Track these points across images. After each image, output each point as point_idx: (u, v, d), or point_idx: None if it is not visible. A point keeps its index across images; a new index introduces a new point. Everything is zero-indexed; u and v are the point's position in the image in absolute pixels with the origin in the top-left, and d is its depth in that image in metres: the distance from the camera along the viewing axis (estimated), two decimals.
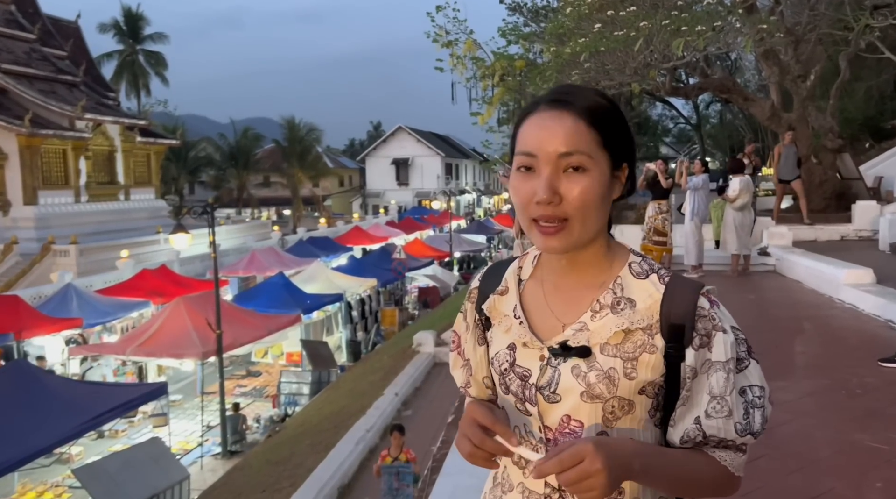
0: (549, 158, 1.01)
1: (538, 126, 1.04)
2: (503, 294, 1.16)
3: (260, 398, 15.23)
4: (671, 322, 1.03)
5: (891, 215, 10.97)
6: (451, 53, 15.15)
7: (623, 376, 1.02)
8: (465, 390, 1.26)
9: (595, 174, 1.02)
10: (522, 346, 1.09)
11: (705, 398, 1.02)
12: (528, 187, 1.03)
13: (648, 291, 1.05)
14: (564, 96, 1.05)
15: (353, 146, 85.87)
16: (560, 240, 1.03)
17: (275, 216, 46.30)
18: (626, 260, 1.10)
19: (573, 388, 1.03)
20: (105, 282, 18.52)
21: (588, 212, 1.02)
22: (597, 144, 1.02)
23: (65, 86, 27.38)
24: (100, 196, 27.43)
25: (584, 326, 1.05)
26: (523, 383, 1.08)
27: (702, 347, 1.03)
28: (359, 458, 7.11)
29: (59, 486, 10.54)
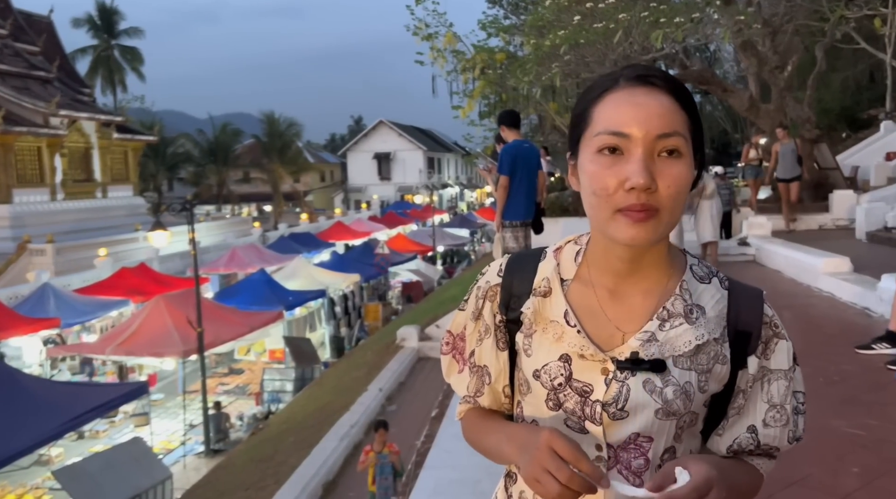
0: (645, 139, 0.89)
1: (629, 103, 0.91)
2: (546, 296, 1.02)
3: (243, 396, 15.13)
4: (738, 329, 0.98)
5: (867, 205, 11.12)
6: (431, 46, 15.10)
7: (698, 390, 0.96)
8: (472, 400, 1.12)
9: (688, 161, 0.92)
10: (579, 357, 0.97)
11: (762, 407, 0.99)
12: (615, 173, 0.89)
13: (715, 297, 0.99)
14: (650, 73, 0.94)
15: (334, 141, 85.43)
16: (650, 229, 0.90)
17: (255, 212, 45.95)
18: (686, 262, 1.02)
19: (646, 404, 0.94)
20: (83, 281, 18.27)
21: (678, 202, 0.91)
22: (687, 128, 0.93)
23: (38, 82, 26.91)
24: (76, 194, 27.04)
25: (652, 337, 0.95)
26: (583, 399, 0.96)
27: (763, 355, 0.99)
28: (343, 454, 7.08)
29: (39, 488, 10.40)
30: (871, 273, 7.01)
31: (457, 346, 1.12)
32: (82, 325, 15.91)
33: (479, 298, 1.09)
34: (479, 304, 1.09)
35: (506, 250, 5.97)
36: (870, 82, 24.56)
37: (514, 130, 6.02)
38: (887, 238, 9.96)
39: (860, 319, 6.27)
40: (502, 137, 6.10)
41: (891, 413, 3.92)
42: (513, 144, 5.91)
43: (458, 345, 1.12)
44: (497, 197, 5.95)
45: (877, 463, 3.22)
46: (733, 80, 24.38)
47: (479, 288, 1.09)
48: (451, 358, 1.13)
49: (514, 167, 5.81)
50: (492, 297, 1.07)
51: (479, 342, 1.09)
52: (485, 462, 3.16)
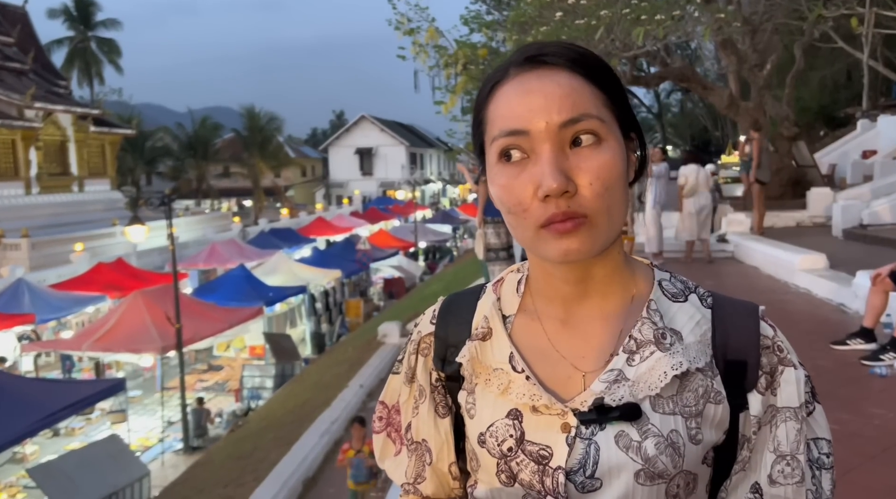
0: (547, 131, 0.72)
1: (520, 92, 0.74)
2: (486, 338, 0.83)
3: (222, 393, 15.03)
4: (728, 358, 0.77)
5: (844, 202, 11.28)
6: (413, 41, 15.06)
7: (688, 440, 0.74)
8: (411, 488, 0.90)
9: (612, 145, 0.73)
10: (532, 411, 0.77)
11: (769, 458, 0.77)
12: (523, 181, 0.73)
13: (694, 318, 0.78)
14: (542, 50, 0.76)
15: (316, 136, 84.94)
16: (582, 240, 0.72)
17: (235, 207, 45.62)
18: (652, 276, 0.81)
19: (622, 466, 0.73)
20: (59, 276, 17.99)
21: (612, 199, 0.72)
22: (604, 105, 0.74)
23: (12, 73, 26.42)
24: (52, 188, 26.60)
25: (620, 375, 0.75)
26: (541, 468, 0.75)
27: (768, 389, 0.77)
28: (323, 451, 7.05)
29: (13, 486, 10.25)
30: (847, 270, 7.11)
31: (392, 421, 0.92)
32: (58, 321, 15.68)
33: (411, 353, 0.89)
34: (411, 361, 0.89)
35: (487, 246, 5.98)
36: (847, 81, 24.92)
37: None
38: (863, 235, 10.11)
39: (835, 315, 6.36)
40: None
41: (864, 408, 3.98)
42: None
43: (394, 419, 0.91)
44: (479, 193, 5.95)
45: (849, 457, 3.26)
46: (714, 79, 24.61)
47: (412, 342, 0.90)
48: (384, 437, 0.92)
49: None
50: (425, 350, 0.88)
51: (415, 411, 0.88)
52: None
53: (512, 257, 6.15)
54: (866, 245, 9.58)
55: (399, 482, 0.92)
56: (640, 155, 0.80)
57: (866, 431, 3.62)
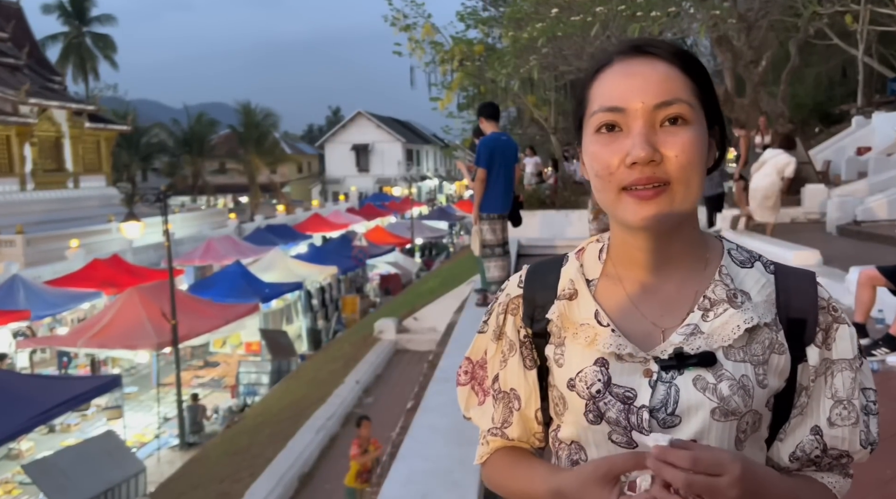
0: (643, 109, 0.83)
1: (623, 74, 0.85)
2: (573, 298, 0.93)
3: (218, 389, 15.03)
4: (790, 316, 0.88)
5: (838, 198, 11.32)
6: (409, 38, 15.05)
7: (757, 385, 0.85)
8: (499, 432, 1.00)
9: (698, 128, 0.84)
10: (617, 360, 0.87)
11: (827, 404, 0.88)
12: (614, 150, 0.83)
13: (760, 281, 0.89)
14: (646, 43, 0.88)
15: (312, 132, 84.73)
16: (660, 206, 0.83)
17: (231, 204, 45.47)
18: (722, 246, 0.93)
19: (700, 404, 0.83)
20: (54, 272, 17.95)
21: (692, 173, 0.83)
22: (694, 95, 0.85)
23: (7, 69, 26.29)
24: (47, 184, 26.49)
25: (695, 329, 0.86)
26: (627, 407, 0.85)
27: (823, 344, 0.88)
28: (319, 446, 7.07)
29: (8, 482, 10.25)
30: (841, 266, 7.14)
31: (476, 375, 1.02)
32: (53, 317, 15.65)
33: (499, 314, 1.00)
34: (499, 320, 0.99)
35: (483, 243, 5.98)
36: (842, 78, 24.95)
37: (492, 122, 6.03)
38: (857, 231, 10.15)
39: None
40: (481, 129, 6.10)
41: None
42: (490, 136, 5.91)
43: (478, 374, 1.02)
44: (475, 190, 5.95)
45: None
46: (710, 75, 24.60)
47: (499, 304, 1.00)
48: (469, 389, 1.03)
49: (491, 160, 5.81)
50: (514, 310, 0.98)
51: (503, 364, 0.98)
52: (457, 453, 3.17)
53: (507, 254, 6.16)
54: (860, 241, 9.61)
55: (485, 428, 1.02)
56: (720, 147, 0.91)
57: None
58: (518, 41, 11.78)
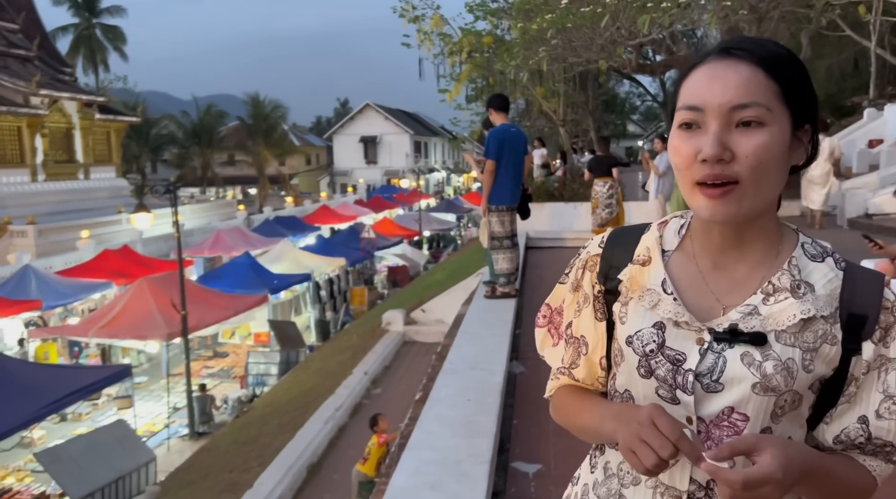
0: (719, 110, 0.89)
1: (707, 76, 0.91)
2: (645, 265, 1.02)
3: (227, 379, 15.12)
4: (852, 312, 0.93)
5: (849, 191, 11.24)
6: (417, 29, 15.00)
7: (801, 369, 0.91)
8: (566, 371, 1.11)
9: (774, 131, 0.89)
10: (674, 325, 0.96)
11: (877, 397, 0.93)
12: (691, 146, 0.90)
13: (827, 276, 0.95)
14: (738, 44, 0.93)
15: (320, 124, 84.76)
16: (729, 205, 0.89)
17: (240, 195, 45.57)
18: (797, 239, 0.98)
19: (743, 377, 0.91)
20: (65, 263, 18.09)
21: (763, 174, 0.89)
22: (776, 97, 0.90)
23: (18, 61, 26.40)
24: (58, 175, 26.65)
25: (754, 310, 0.93)
26: (675, 368, 0.94)
27: (881, 341, 0.93)
28: (328, 437, 7.11)
29: (21, 470, 10.37)
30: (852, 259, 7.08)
31: (553, 320, 1.14)
32: (64, 307, 15.77)
33: (579, 268, 1.09)
34: (578, 274, 1.09)
35: (492, 235, 5.97)
36: (854, 70, 24.70)
37: (502, 114, 6.00)
38: (868, 224, 10.08)
39: None
40: (490, 120, 6.08)
41: None
42: (500, 128, 5.89)
43: (555, 319, 1.13)
44: (483, 181, 5.94)
45: None
46: None
47: (581, 259, 1.10)
48: (546, 332, 1.14)
49: (500, 152, 5.80)
50: (591, 267, 1.08)
51: (577, 313, 1.09)
52: (466, 444, 3.19)
53: (516, 246, 6.15)
54: (872, 234, 9.54)
55: (555, 366, 1.14)
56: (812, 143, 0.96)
57: None
58: (527, 32, 11.73)
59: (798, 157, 0.95)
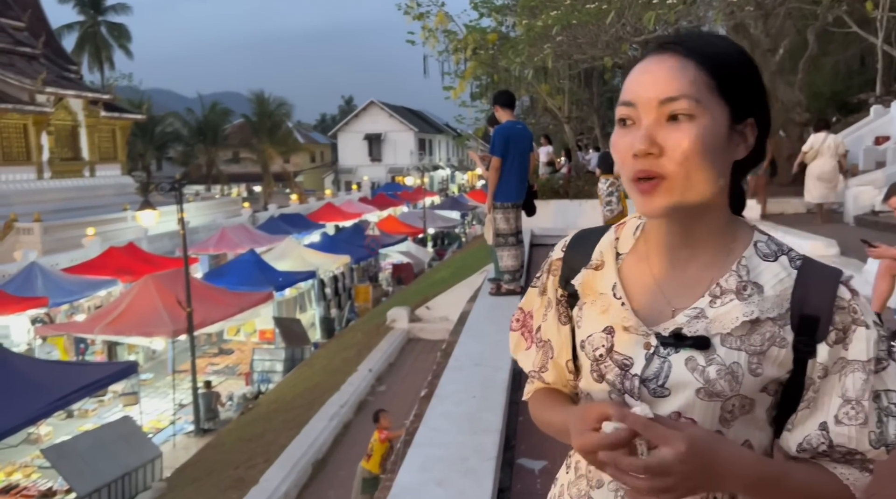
0: (649, 104, 0.88)
1: (640, 71, 0.91)
2: (598, 269, 1.01)
3: (233, 376, 15.16)
4: (804, 313, 0.89)
5: (856, 188, 11.19)
6: (422, 26, 14.97)
7: (748, 373, 0.88)
8: (537, 375, 1.11)
9: (704, 123, 0.87)
10: (623, 330, 0.95)
11: (836, 402, 0.89)
12: (625, 142, 0.90)
13: (779, 276, 0.91)
14: (673, 39, 0.92)
15: (325, 121, 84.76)
16: (657, 199, 0.88)
17: (245, 193, 45.63)
18: (751, 238, 0.95)
19: (687, 383, 0.89)
20: (71, 260, 18.15)
21: (692, 168, 0.87)
22: (709, 89, 0.88)
23: (23, 58, 26.48)
24: (63, 172, 26.74)
25: (700, 313, 0.91)
26: (623, 373, 0.94)
27: (837, 343, 0.89)
28: (333, 434, 7.12)
29: (28, 466, 10.42)
30: (858, 256, 7.06)
31: (526, 323, 1.13)
32: (70, 304, 15.83)
33: (545, 272, 1.10)
34: (544, 278, 1.10)
35: (497, 232, 5.96)
36: (860, 66, 24.59)
37: (508, 110, 5.99)
38: (874, 222, 10.04)
39: None
40: (496, 117, 6.07)
41: None
42: (505, 125, 5.88)
43: (528, 322, 1.13)
44: (489, 178, 5.93)
45: None
46: None
47: (546, 263, 1.10)
48: (519, 335, 1.14)
49: (506, 149, 5.79)
50: (555, 271, 1.08)
51: (544, 317, 1.09)
52: (471, 441, 3.19)
53: (521, 243, 6.14)
54: (878, 232, 9.50)
55: (527, 370, 1.14)
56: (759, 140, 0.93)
57: None
58: (532, 29, 11.70)
59: (740, 152, 0.92)
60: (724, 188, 0.93)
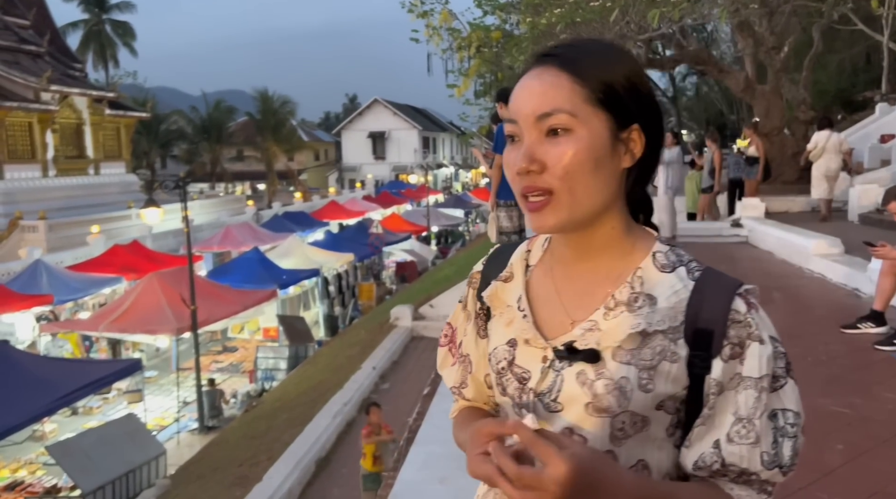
0: (527, 121, 0.87)
1: (520, 87, 0.90)
2: (507, 281, 1.00)
3: (237, 374, 15.19)
4: (698, 326, 0.86)
5: (860, 187, 11.16)
6: (426, 24, 14.95)
7: (637, 388, 0.86)
8: (458, 392, 1.09)
9: (582, 137, 0.85)
10: (524, 343, 0.94)
11: (729, 419, 0.86)
12: (511, 158, 0.89)
13: (673, 288, 0.89)
14: (549, 51, 0.90)
15: (329, 119, 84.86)
16: (546, 216, 0.87)
17: (249, 191, 45.76)
18: (650, 249, 0.93)
19: (577, 397, 0.88)
20: (75, 258, 18.21)
21: (576, 182, 0.86)
22: (584, 100, 0.86)
23: (28, 56, 26.56)
24: (68, 170, 26.81)
25: (594, 326, 0.89)
26: (521, 387, 0.92)
27: (732, 358, 0.86)
28: (336, 431, 7.14)
29: (32, 463, 10.46)
30: (863, 254, 7.05)
31: (453, 339, 1.11)
32: (75, 302, 15.89)
33: (467, 285, 1.09)
34: (465, 292, 1.09)
35: (500, 230, 5.97)
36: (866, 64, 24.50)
37: None
38: (879, 220, 10.00)
39: (850, 299, 6.32)
40: (499, 114, 6.07)
41: (876, 392, 3.97)
42: None
43: (455, 338, 1.11)
44: (492, 176, 5.93)
45: (861, 440, 3.27)
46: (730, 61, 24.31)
47: (469, 276, 1.10)
48: (446, 350, 1.12)
49: None
50: (474, 284, 1.07)
51: (465, 332, 1.07)
52: None
53: (524, 241, 6.15)
54: (882, 230, 9.46)
55: (449, 386, 1.12)
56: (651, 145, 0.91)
57: (879, 415, 3.62)
58: (536, 27, 11.69)
59: (627, 160, 0.89)
60: (616, 198, 0.91)
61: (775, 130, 12.75)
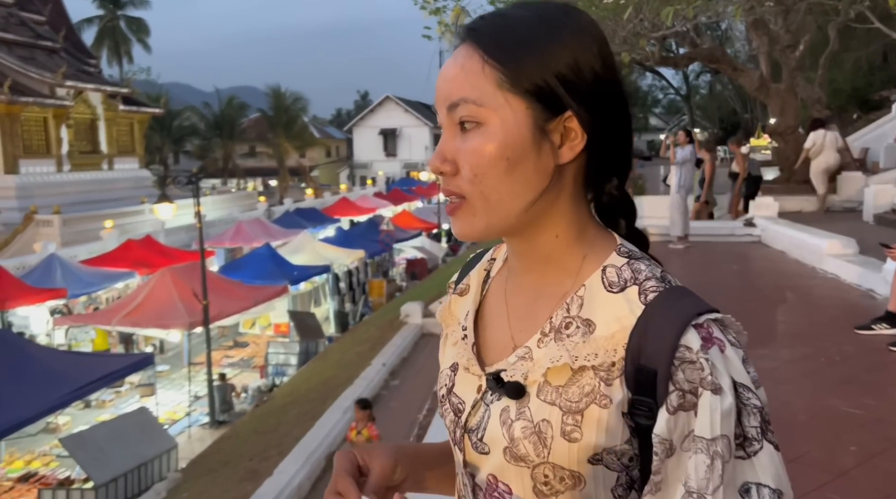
0: (441, 113, 0.73)
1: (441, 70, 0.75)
2: (462, 295, 0.86)
3: (247, 369, 15.27)
4: (640, 363, 0.67)
5: (876, 186, 11.06)
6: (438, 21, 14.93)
7: (560, 435, 0.68)
8: None
9: (493, 129, 0.70)
10: (464, 369, 0.80)
11: (679, 491, 0.64)
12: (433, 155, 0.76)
13: (617, 313, 0.69)
14: (477, 20, 0.74)
15: (340, 116, 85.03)
16: (461, 223, 0.73)
17: (261, 187, 45.93)
18: (602, 262, 0.74)
19: (498, 439, 0.72)
20: (89, 252, 18.36)
21: (487, 185, 0.70)
22: (498, 86, 0.69)
23: (44, 52, 26.80)
24: (82, 165, 27.06)
25: (528, 354, 0.73)
26: (456, 419, 0.78)
27: (682, 410, 0.64)
28: (346, 427, 7.15)
29: (46, 455, 10.57)
30: (878, 255, 6.99)
31: None
32: (88, 296, 16.03)
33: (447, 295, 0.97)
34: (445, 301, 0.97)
35: None
36: (883, 63, 24.24)
37: None
38: (894, 220, 9.91)
39: (864, 300, 6.27)
40: None
41: (890, 393, 3.94)
42: None
43: None
44: None
45: (874, 442, 3.25)
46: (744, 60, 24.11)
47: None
48: None
49: None
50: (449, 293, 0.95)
51: (442, 348, 0.91)
52: None
53: None
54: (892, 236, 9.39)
55: None
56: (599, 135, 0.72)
57: (893, 416, 3.59)
58: None
59: (565, 154, 0.71)
60: (555, 201, 0.73)
61: (790, 128, 12.64)
